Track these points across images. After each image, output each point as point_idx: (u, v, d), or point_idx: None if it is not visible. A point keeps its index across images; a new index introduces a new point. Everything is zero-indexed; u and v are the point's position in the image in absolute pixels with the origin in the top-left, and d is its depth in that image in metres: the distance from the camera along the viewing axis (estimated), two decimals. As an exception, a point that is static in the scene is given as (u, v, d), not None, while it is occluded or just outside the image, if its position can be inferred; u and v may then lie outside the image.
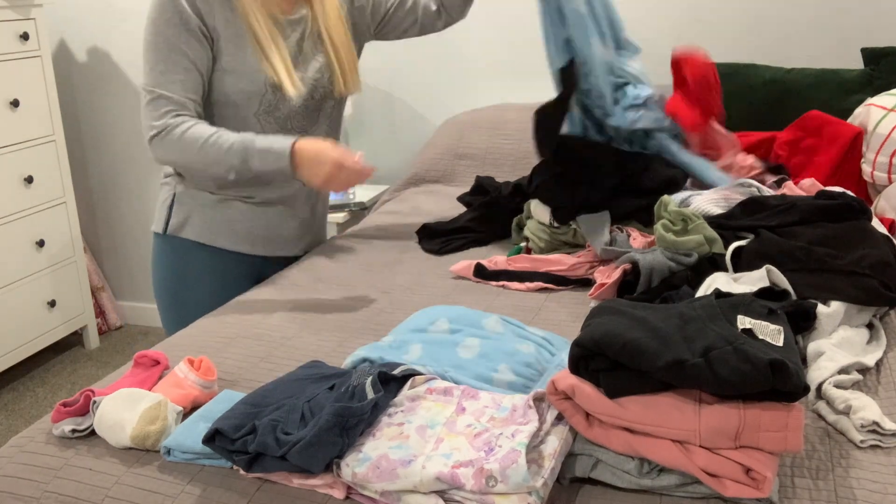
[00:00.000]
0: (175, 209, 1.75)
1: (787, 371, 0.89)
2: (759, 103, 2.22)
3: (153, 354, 1.30)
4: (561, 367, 1.15)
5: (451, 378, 1.15)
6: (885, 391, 1.16)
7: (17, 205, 2.83)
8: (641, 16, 2.69)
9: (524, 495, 0.90)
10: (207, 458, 1.05)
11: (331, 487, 0.98)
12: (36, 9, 2.80)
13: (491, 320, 1.32)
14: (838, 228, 1.44)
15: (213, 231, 1.74)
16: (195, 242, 1.75)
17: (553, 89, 1.77)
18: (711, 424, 0.92)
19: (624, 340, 0.95)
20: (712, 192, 1.70)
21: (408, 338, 1.26)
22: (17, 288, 2.86)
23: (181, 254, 1.76)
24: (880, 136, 1.81)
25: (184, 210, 1.74)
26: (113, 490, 1.03)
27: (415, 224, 2.06)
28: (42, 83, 2.87)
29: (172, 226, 1.75)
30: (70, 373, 3.06)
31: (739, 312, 1.03)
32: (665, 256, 1.44)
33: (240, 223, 1.75)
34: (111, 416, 1.10)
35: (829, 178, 1.89)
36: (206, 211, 1.73)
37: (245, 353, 1.37)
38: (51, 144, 2.93)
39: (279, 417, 1.02)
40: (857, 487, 0.96)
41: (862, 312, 1.31)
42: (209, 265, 1.76)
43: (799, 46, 2.54)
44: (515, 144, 2.56)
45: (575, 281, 1.62)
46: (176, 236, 1.75)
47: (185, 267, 1.76)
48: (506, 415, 1.03)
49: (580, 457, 0.99)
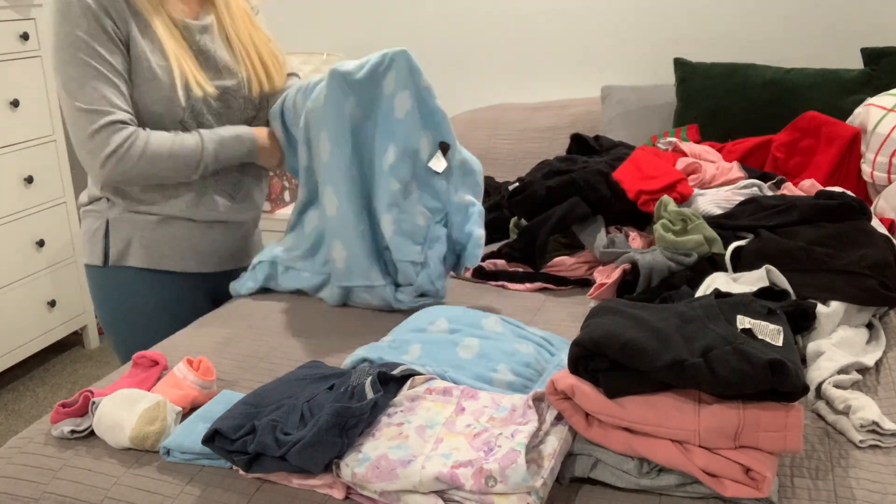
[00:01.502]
0: (112, 237, 1.59)
1: (787, 371, 0.89)
2: (759, 103, 2.22)
3: (152, 355, 1.30)
4: (560, 367, 1.15)
5: (450, 378, 1.15)
6: (884, 391, 1.16)
7: (17, 205, 2.83)
8: (641, 16, 2.69)
9: (524, 495, 0.90)
10: (207, 459, 1.05)
11: (330, 488, 0.98)
12: (36, 9, 2.80)
13: (490, 320, 1.32)
14: (838, 228, 1.44)
15: (158, 254, 1.61)
16: (140, 269, 1.61)
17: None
18: (711, 424, 0.92)
19: (623, 340, 0.95)
20: (714, 193, 1.70)
21: (407, 338, 1.26)
22: (17, 288, 2.86)
23: (128, 285, 1.62)
24: (880, 135, 1.81)
25: (122, 237, 1.59)
26: (112, 491, 1.03)
27: (414, 224, 2.06)
28: (42, 83, 2.87)
29: (113, 256, 1.60)
30: (70, 373, 3.06)
31: (739, 312, 1.03)
32: (665, 256, 1.44)
33: (185, 240, 1.62)
34: (110, 416, 1.10)
35: (829, 178, 1.89)
36: (147, 234, 1.59)
37: (244, 353, 1.37)
38: (51, 144, 2.93)
39: (278, 418, 1.02)
40: (857, 487, 0.96)
41: (861, 312, 1.31)
42: (160, 291, 1.63)
43: (799, 46, 2.54)
44: (515, 144, 2.56)
45: (574, 281, 1.62)
46: (119, 266, 1.60)
47: (134, 298, 1.62)
48: (505, 415, 1.03)
49: (580, 457, 0.99)
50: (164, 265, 1.62)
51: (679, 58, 2.39)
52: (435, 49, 2.94)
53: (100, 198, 1.61)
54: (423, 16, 2.94)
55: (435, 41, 2.94)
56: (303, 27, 3.11)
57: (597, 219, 1.67)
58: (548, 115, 2.62)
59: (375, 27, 3.01)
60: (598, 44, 2.77)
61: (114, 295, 1.63)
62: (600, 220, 1.67)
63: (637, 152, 1.82)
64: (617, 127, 2.43)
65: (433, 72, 2.95)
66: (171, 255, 1.62)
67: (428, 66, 2.95)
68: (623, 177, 1.71)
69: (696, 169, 1.81)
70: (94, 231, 1.61)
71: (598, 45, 2.77)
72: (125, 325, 1.65)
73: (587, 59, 2.80)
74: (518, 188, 1.77)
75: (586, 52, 2.79)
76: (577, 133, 2.07)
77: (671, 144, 1.98)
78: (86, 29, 1.43)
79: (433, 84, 1.55)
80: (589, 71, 2.81)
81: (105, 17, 1.44)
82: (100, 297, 1.65)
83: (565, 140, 2.44)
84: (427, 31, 2.95)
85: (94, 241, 1.61)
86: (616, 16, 2.72)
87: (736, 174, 1.80)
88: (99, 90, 1.44)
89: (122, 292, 1.63)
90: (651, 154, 1.83)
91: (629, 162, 1.78)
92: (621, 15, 2.71)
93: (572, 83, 2.84)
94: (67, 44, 1.43)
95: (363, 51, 3.04)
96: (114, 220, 1.60)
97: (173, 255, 1.62)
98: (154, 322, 1.63)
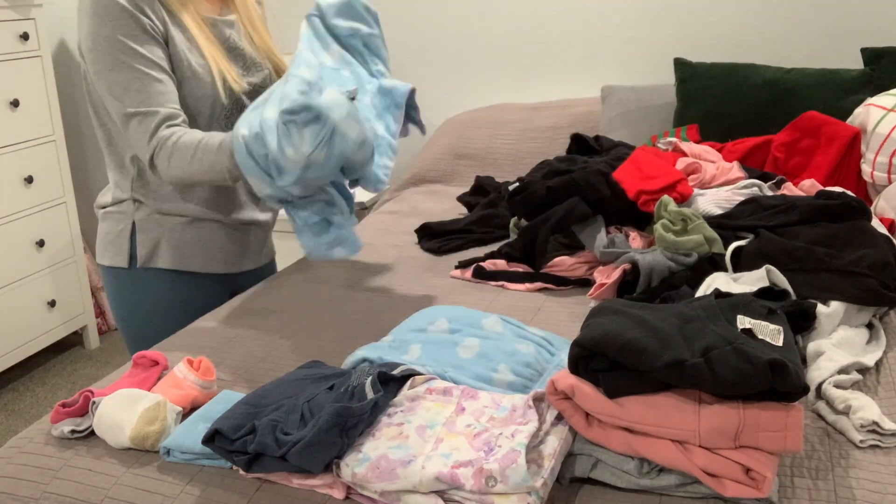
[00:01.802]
0: (139, 239, 1.58)
1: (787, 371, 0.89)
2: (759, 103, 2.22)
3: (152, 355, 1.30)
4: (560, 366, 1.15)
5: (450, 378, 1.15)
6: (884, 391, 1.16)
7: (17, 205, 2.83)
8: (641, 16, 2.69)
9: (524, 495, 0.90)
10: (207, 459, 1.05)
11: (330, 488, 0.98)
12: (36, 9, 2.80)
13: (490, 320, 1.32)
14: (838, 228, 1.44)
15: (187, 255, 1.61)
16: (167, 270, 1.61)
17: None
18: (711, 424, 0.92)
19: (623, 340, 0.95)
20: (714, 193, 1.70)
21: (407, 338, 1.26)
22: (17, 288, 2.86)
23: (153, 286, 1.61)
24: (880, 135, 1.81)
25: (150, 238, 1.58)
26: (112, 491, 1.03)
27: (415, 224, 2.06)
28: (42, 83, 2.87)
29: (141, 257, 1.59)
30: (70, 373, 3.06)
31: (739, 312, 1.03)
32: (665, 256, 1.44)
33: (212, 241, 1.63)
34: (110, 416, 1.10)
35: (829, 178, 1.89)
36: (176, 235, 1.59)
37: (245, 353, 1.37)
38: (51, 144, 2.93)
39: (279, 417, 1.02)
40: (857, 487, 0.96)
41: (861, 312, 1.31)
42: (183, 292, 1.64)
43: (799, 46, 2.54)
44: (515, 144, 2.56)
45: (574, 281, 1.62)
46: (147, 268, 1.59)
47: (158, 299, 1.62)
48: (505, 415, 1.03)
49: (580, 457, 0.99)
50: (192, 266, 1.62)
51: (679, 58, 2.39)
52: (435, 49, 2.94)
53: (125, 199, 1.59)
54: (424, 16, 2.94)
55: (435, 41, 2.94)
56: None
57: (597, 219, 1.67)
58: (548, 115, 2.62)
59: (375, 27, 3.01)
60: (598, 44, 2.77)
61: (137, 296, 1.62)
62: (600, 220, 1.67)
63: (637, 152, 1.82)
64: (617, 127, 2.43)
65: (433, 71, 2.96)
66: (199, 256, 1.62)
67: (428, 66, 2.95)
68: (623, 177, 1.71)
69: (696, 169, 1.81)
70: (119, 233, 1.60)
71: (598, 45, 2.77)
72: (145, 326, 1.64)
73: (587, 59, 2.80)
74: (518, 188, 1.77)
75: (586, 52, 2.79)
76: (577, 133, 2.07)
77: (671, 144, 1.98)
78: (124, 31, 1.41)
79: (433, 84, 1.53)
80: (589, 71, 2.81)
81: (142, 15, 1.43)
82: (121, 299, 1.64)
83: (565, 140, 2.45)
84: (427, 31, 2.95)
85: (119, 242, 1.60)
86: (616, 16, 2.72)
87: (736, 174, 1.80)
88: (143, 92, 1.42)
89: (146, 293, 1.62)
90: (651, 154, 1.83)
91: (629, 162, 1.78)
92: (621, 15, 2.71)
93: (572, 83, 2.84)
94: (108, 48, 1.41)
95: (363, 51, 3.04)
96: (140, 221, 1.58)
97: (201, 256, 1.63)
98: (174, 322, 1.64)
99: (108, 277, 1.64)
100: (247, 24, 1.64)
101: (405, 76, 2.95)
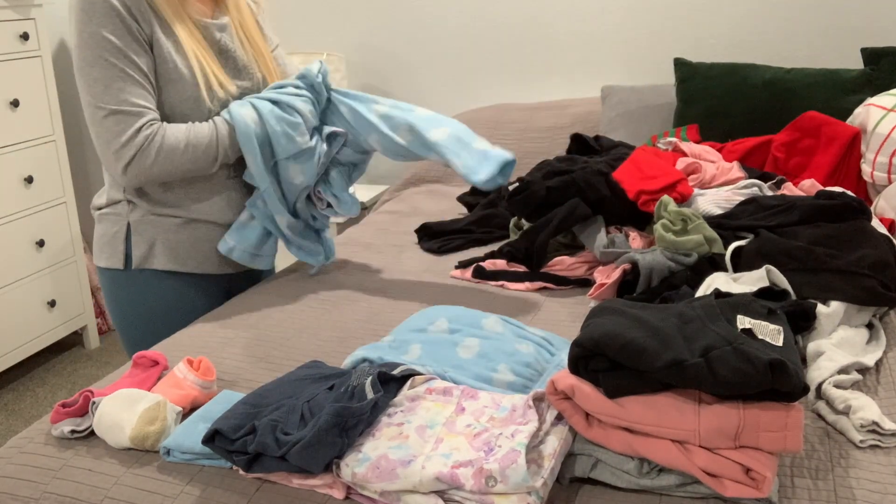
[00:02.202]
0: (134, 240, 1.58)
1: (787, 371, 0.89)
2: (759, 103, 2.22)
3: (152, 355, 1.30)
4: (560, 367, 1.16)
5: (450, 378, 1.15)
6: (884, 391, 1.16)
7: (17, 205, 2.83)
8: (641, 16, 2.69)
9: (524, 495, 0.90)
10: (207, 459, 1.05)
11: (330, 487, 0.98)
12: (36, 9, 2.80)
13: (490, 320, 1.32)
14: (838, 228, 1.44)
15: (182, 255, 1.60)
16: (162, 271, 1.60)
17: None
18: (711, 424, 0.92)
19: (623, 340, 0.95)
20: (714, 193, 1.70)
21: (407, 338, 1.26)
22: (17, 288, 2.86)
23: (148, 287, 1.61)
24: (880, 136, 1.81)
25: (145, 240, 1.58)
26: (112, 491, 1.03)
27: (415, 224, 2.06)
28: (42, 83, 2.87)
29: (137, 259, 1.58)
30: (70, 373, 3.06)
31: (739, 312, 1.03)
32: (665, 256, 1.44)
33: (207, 242, 1.63)
34: (110, 416, 1.10)
35: (829, 178, 1.90)
36: (171, 236, 1.59)
37: (244, 353, 1.37)
38: (51, 144, 2.93)
39: (279, 417, 1.02)
40: (857, 487, 0.96)
41: (861, 312, 1.31)
42: (180, 293, 1.63)
43: (799, 46, 2.54)
44: (515, 144, 2.56)
45: (574, 281, 1.62)
46: (142, 269, 1.59)
47: (153, 300, 1.62)
48: (505, 415, 1.03)
49: (580, 457, 0.99)
50: (188, 267, 1.62)
51: (679, 58, 2.39)
52: (435, 49, 2.95)
53: (119, 200, 1.59)
54: (424, 16, 2.94)
55: (435, 41, 2.94)
56: (303, 27, 3.11)
57: (597, 219, 1.67)
58: (548, 115, 2.62)
59: (376, 27, 3.02)
60: (598, 44, 2.77)
61: (132, 297, 1.62)
62: (600, 220, 1.67)
63: (637, 152, 1.82)
64: (617, 127, 2.43)
65: (433, 71, 2.96)
66: (195, 257, 1.62)
67: (428, 66, 2.95)
68: (623, 177, 1.71)
69: (696, 169, 1.81)
70: (114, 234, 1.59)
71: (598, 45, 2.77)
72: (142, 327, 1.63)
73: (587, 59, 2.80)
74: (518, 188, 1.77)
75: (586, 52, 2.79)
76: (577, 133, 2.07)
77: (671, 144, 1.98)
78: (111, 29, 1.41)
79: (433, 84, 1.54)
80: (589, 71, 2.81)
81: (129, 17, 1.43)
82: (117, 300, 1.64)
83: (565, 140, 2.45)
84: (427, 31, 2.95)
85: (114, 244, 1.60)
86: (616, 16, 2.72)
87: (736, 174, 1.80)
88: (124, 91, 1.43)
89: (142, 295, 1.62)
90: (651, 154, 1.83)
91: (629, 162, 1.78)
92: (621, 15, 2.71)
93: (572, 83, 2.85)
94: (92, 44, 1.41)
95: (364, 51, 3.04)
96: (135, 222, 1.58)
97: (196, 257, 1.62)
98: (171, 323, 1.63)
99: (105, 279, 1.64)
100: (239, 27, 1.63)
101: (406, 76, 2.96)
